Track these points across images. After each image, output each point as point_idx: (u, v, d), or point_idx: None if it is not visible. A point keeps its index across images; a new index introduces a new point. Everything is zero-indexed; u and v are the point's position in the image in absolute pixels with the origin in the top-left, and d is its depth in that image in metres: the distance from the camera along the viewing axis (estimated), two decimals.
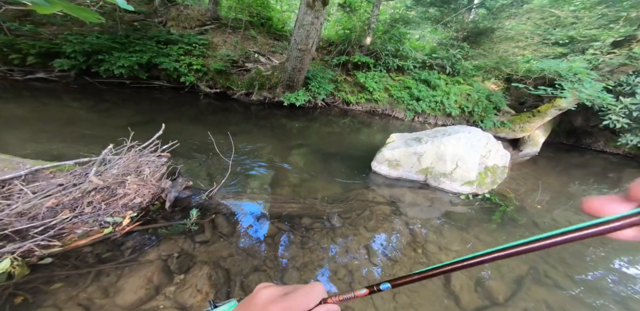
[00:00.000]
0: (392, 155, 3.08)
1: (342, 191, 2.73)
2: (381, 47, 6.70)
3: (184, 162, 2.67)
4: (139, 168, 1.77)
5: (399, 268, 1.91)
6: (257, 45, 5.56)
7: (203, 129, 3.56)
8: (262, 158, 3.16)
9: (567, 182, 4.45)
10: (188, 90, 4.80)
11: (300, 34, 4.39)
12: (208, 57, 4.81)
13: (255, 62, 5.24)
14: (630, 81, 5.53)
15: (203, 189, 2.26)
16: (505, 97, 7.18)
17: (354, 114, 6.29)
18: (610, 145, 6.77)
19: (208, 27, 5.16)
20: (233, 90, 4.94)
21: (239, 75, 5.02)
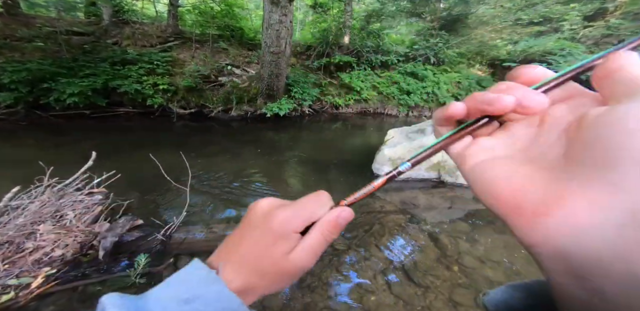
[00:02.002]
0: (395, 153, 2.72)
1: None
2: (361, 45, 6.67)
3: (138, 196, 2.27)
4: (59, 213, 1.38)
5: (434, 296, 1.47)
6: (229, 57, 5.41)
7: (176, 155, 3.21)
8: (244, 178, 2.78)
9: None
10: (159, 114, 4.50)
11: (270, 35, 4.22)
12: (175, 74, 4.59)
13: (229, 75, 5.04)
14: None
15: (161, 227, 1.84)
16: (495, 81, 7.12)
17: (344, 118, 6.04)
18: None
19: (171, 44, 5.01)
20: (209, 108, 4.66)
21: (212, 90, 4.78)
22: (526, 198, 0.13)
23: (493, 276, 1.52)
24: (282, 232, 0.22)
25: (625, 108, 0.11)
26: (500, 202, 0.14)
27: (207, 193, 2.42)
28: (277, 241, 0.22)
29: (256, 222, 0.24)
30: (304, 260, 0.22)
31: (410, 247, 1.80)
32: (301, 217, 0.23)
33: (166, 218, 1.98)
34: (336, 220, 0.23)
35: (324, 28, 6.64)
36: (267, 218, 0.23)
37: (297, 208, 0.23)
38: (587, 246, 0.10)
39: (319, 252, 0.23)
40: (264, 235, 0.22)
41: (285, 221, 0.22)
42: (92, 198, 1.61)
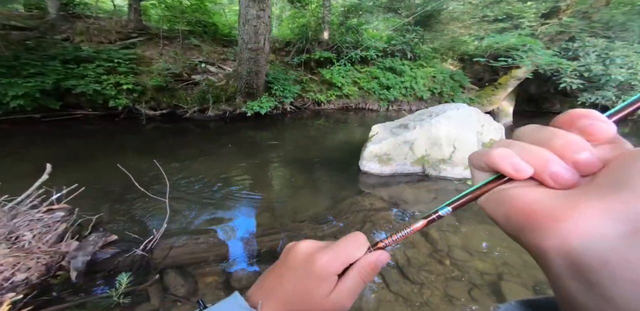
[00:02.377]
0: (380, 149, 2.71)
1: (332, 204, 2.27)
2: (340, 40, 6.59)
3: (109, 209, 2.03)
4: (14, 234, 1.18)
5: (430, 292, 1.47)
6: (202, 54, 5.03)
7: (147, 160, 2.92)
8: (226, 182, 2.60)
9: None
10: (124, 115, 4.08)
11: (247, 30, 3.97)
12: (141, 73, 4.16)
13: (203, 73, 4.69)
14: (570, 47, 6.15)
15: (139, 241, 1.66)
16: (465, 75, 7.48)
17: (327, 114, 5.96)
18: (565, 106, 7.54)
19: (135, 40, 4.52)
20: (183, 108, 4.31)
21: (186, 90, 4.42)
22: (542, 205, 0.13)
23: (482, 267, 1.56)
24: (323, 275, 0.23)
25: None
26: (515, 211, 0.14)
27: (186, 201, 2.23)
28: (319, 284, 0.23)
29: (296, 264, 0.24)
30: (343, 301, 0.23)
31: (402, 244, 1.80)
32: (341, 259, 0.23)
33: (144, 231, 1.79)
34: (375, 263, 0.24)
35: (302, 23, 6.44)
36: (309, 262, 0.24)
37: (336, 251, 0.24)
38: (598, 252, 0.11)
39: (357, 293, 0.24)
40: (306, 277, 0.23)
41: (327, 265, 0.23)
42: (52, 216, 1.41)
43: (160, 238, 1.71)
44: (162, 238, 1.73)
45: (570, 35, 6.11)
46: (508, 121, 6.31)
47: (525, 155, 0.15)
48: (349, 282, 0.23)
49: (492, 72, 8.04)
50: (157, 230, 1.71)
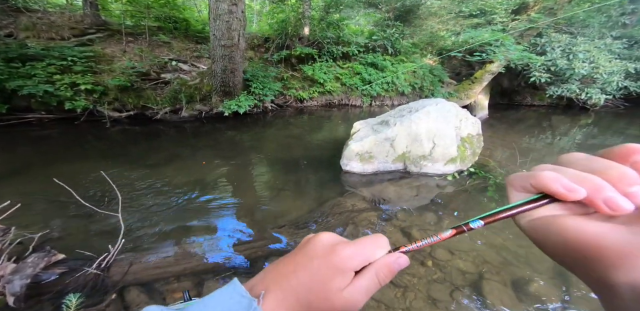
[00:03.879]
0: (362, 147, 2.60)
1: (314, 206, 2.14)
2: (321, 36, 6.38)
3: (60, 224, 1.78)
4: None
5: (413, 295, 1.40)
6: (173, 51, 4.63)
7: (111, 168, 2.63)
8: (201, 188, 2.39)
9: (521, 137, 4.73)
10: (85, 118, 3.67)
11: (219, 27, 3.66)
12: (101, 72, 3.74)
13: (175, 72, 4.32)
14: (538, 42, 6.38)
15: (92, 259, 1.46)
16: (444, 69, 7.57)
17: (310, 111, 5.79)
18: (535, 99, 8.00)
19: (93, 36, 4.04)
20: (153, 109, 3.96)
21: (155, 89, 4.05)
22: (611, 241, 0.13)
23: (464, 267, 1.51)
24: (343, 267, 0.22)
25: None
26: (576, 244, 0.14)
27: (154, 211, 2.01)
28: (336, 276, 0.22)
29: (316, 254, 0.23)
30: (356, 298, 0.22)
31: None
32: (362, 256, 0.23)
33: (100, 248, 1.58)
34: (393, 265, 0.23)
35: (282, 19, 6.16)
36: (330, 252, 0.23)
37: (358, 247, 0.23)
38: None
39: (371, 293, 0.23)
40: (324, 268, 0.22)
41: (348, 258, 0.22)
42: None
43: (119, 254, 1.52)
44: (122, 253, 1.54)
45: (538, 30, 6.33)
46: (484, 114, 6.47)
47: (577, 180, 0.15)
48: (364, 281, 0.22)
49: (468, 66, 8.22)
50: (113, 246, 1.51)
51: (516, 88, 8.18)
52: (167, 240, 1.76)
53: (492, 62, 6.26)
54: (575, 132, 5.57)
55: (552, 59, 6.17)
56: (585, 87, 6.51)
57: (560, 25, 6.65)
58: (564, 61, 6.13)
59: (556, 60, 6.14)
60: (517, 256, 1.59)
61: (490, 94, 7.33)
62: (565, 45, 6.31)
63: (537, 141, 4.66)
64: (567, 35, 6.50)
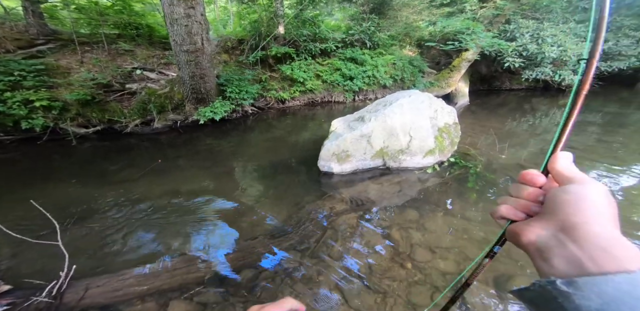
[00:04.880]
0: (338, 147, 2.50)
1: (292, 212, 2.03)
2: (297, 34, 6.20)
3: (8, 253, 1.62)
4: None
5: (393, 301, 1.32)
6: (137, 59, 4.36)
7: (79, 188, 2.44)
8: (174, 203, 2.24)
9: (503, 121, 4.75)
10: (48, 137, 3.41)
11: (177, 32, 3.45)
12: (58, 86, 3.47)
13: (141, 81, 4.07)
14: (508, 29, 6.44)
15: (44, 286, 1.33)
16: (424, 59, 7.53)
17: (293, 111, 5.64)
18: (514, 83, 8.14)
19: (43, 47, 3.74)
20: (121, 123, 3.72)
21: (121, 101, 3.81)
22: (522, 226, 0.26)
23: (444, 267, 1.44)
24: None
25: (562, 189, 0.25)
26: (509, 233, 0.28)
27: (118, 229, 1.86)
28: None
29: None
30: None
31: (364, 250, 1.63)
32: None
33: (51, 275, 1.44)
34: None
35: (254, 19, 5.92)
36: None
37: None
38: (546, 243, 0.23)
39: None
40: None
41: None
42: None
43: (77, 279, 1.41)
44: (76, 279, 1.42)
45: (506, 17, 6.36)
46: (465, 101, 6.49)
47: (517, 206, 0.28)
48: None
49: (446, 55, 8.20)
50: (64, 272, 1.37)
51: (494, 73, 8.27)
52: (130, 259, 1.63)
53: (467, 50, 6.28)
54: (555, 112, 5.66)
55: (523, 44, 6.29)
56: (558, 69, 6.67)
57: (526, 12, 6.71)
58: (534, 46, 6.25)
59: (527, 45, 6.27)
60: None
61: (470, 81, 7.36)
62: (533, 31, 6.43)
63: (520, 124, 4.71)
64: (533, 21, 6.59)
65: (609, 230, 0.21)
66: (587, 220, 0.21)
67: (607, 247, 0.20)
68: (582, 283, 0.19)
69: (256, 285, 1.44)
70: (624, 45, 7.15)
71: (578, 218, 0.22)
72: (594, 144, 3.53)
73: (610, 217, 0.22)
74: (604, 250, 0.20)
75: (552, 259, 0.22)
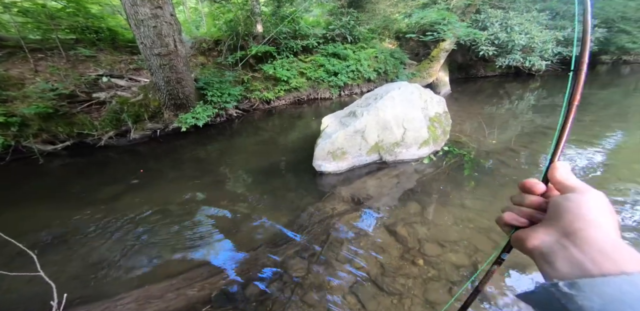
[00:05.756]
0: (333, 145, 2.40)
1: (292, 217, 1.92)
2: (277, 32, 5.96)
3: None
4: None
5: (410, 301, 1.26)
6: (102, 66, 3.97)
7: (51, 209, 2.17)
8: (164, 218, 2.05)
9: (484, 107, 4.88)
10: (11, 157, 3.02)
11: (145, 34, 3.15)
12: (12, 100, 3.07)
13: (110, 89, 3.72)
14: (479, 18, 6.63)
15: None
16: (403, 51, 7.58)
17: (279, 111, 5.45)
18: (488, 70, 8.51)
19: None
20: (93, 136, 3.38)
21: (89, 113, 3.45)
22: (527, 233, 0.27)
23: (456, 260, 1.39)
24: None
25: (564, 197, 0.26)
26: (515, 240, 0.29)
27: (110, 251, 1.67)
28: None
29: None
30: None
31: (372, 250, 1.55)
32: None
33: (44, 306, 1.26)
34: None
35: (230, 19, 5.60)
36: None
37: None
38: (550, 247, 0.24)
39: None
40: None
41: None
42: None
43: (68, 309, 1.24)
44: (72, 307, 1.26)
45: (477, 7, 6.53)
46: (447, 90, 6.62)
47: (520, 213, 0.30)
48: None
49: (425, 46, 8.31)
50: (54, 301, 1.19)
51: (469, 62, 8.54)
52: (126, 282, 1.46)
53: (444, 40, 6.39)
54: (528, 95, 5.92)
55: (494, 33, 6.55)
56: (527, 55, 7.02)
57: (493, 1, 6.93)
58: (504, 34, 6.52)
59: (497, 34, 6.53)
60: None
61: (449, 70, 7.51)
62: (502, 20, 6.69)
63: (498, 108, 4.89)
64: (500, 10, 6.83)
65: (609, 235, 0.22)
66: (588, 225, 0.23)
67: (607, 251, 0.21)
68: (582, 284, 0.20)
69: (266, 298, 1.33)
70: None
71: (579, 224, 0.23)
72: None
73: (610, 223, 0.23)
74: (604, 253, 0.21)
75: (555, 262, 0.23)
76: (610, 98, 5.24)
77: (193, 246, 1.73)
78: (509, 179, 2.25)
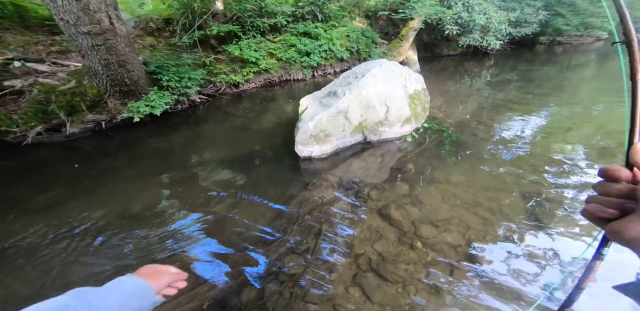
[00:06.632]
0: (315, 127, 2.13)
1: (279, 211, 1.69)
2: (240, 9, 5.14)
3: None
4: None
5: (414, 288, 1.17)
6: (10, 48, 3.00)
7: None
8: (122, 224, 1.66)
9: (449, 83, 5.00)
10: None
11: (66, 8, 2.37)
12: None
13: (27, 75, 2.85)
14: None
15: None
16: (373, 30, 7.26)
17: (249, 94, 4.90)
18: (450, 49, 8.72)
19: None
20: (15, 133, 2.63)
21: (3, 105, 2.64)
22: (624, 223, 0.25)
23: (452, 240, 1.32)
24: None
25: None
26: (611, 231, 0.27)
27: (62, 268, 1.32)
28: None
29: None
30: None
31: (368, 237, 1.43)
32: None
33: None
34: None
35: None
36: None
37: None
38: None
39: None
40: None
41: None
42: None
43: None
44: None
45: None
46: (417, 68, 6.65)
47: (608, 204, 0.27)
48: None
49: (394, 25, 8.06)
50: None
51: (434, 41, 8.63)
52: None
53: (413, 19, 6.23)
54: (484, 73, 6.21)
55: (457, 12, 6.60)
56: (484, 35, 7.31)
57: None
58: (466, 14, 6.62)
59: (460, 14, 6.60)
60: (492, 211, 1.48)
61: (417, 49, 7.45)
62: (464, 0, 6.73)
63: (461, 84, 5.03)
64: None
65: None
66: None
67: None
68: None
69: (265, 301, 1.13)
70: (528, 13, 8.16)
71: None
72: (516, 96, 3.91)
73: None
74: None
75: None
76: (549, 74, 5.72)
77: (168, 254, 1.43)
78: (484, 151, 2.27)
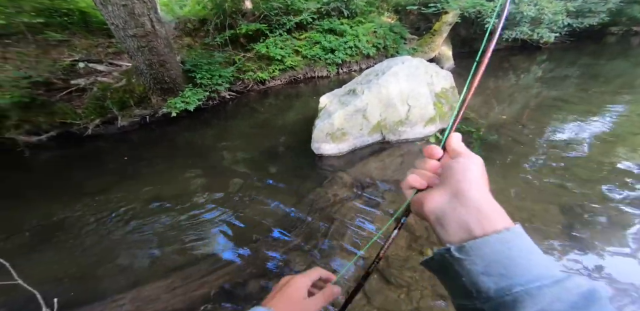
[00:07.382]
0: (332, 125, 2.09)
1: (292, 204, 1.71)
2: (267, 8, 5.24)
3: None
4: None
5: (419, 294, 1.10)
6: (77, 50, 3.48)
7: (38, 207, 1.98)
8: (156, 210, 1.85)
9: (490, 81, 4.45)
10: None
11: (115, 13, 2.65)
12: None
13: (89, 75, 3.29)
14: None
15: None
16: (404, 26, 6.78)
17: (275, 91, 5.01)
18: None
19: None
20: (79, 125, 3.07)
21: (70, 101, 3.09)
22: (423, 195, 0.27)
23: None
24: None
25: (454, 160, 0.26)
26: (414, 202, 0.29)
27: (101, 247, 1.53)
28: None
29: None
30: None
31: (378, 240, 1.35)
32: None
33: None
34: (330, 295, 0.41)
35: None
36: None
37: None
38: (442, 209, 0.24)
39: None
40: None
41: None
42: None
43: None
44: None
45: None
46: (451, 64, 6.08)
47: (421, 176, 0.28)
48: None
49: (426, 20, 7.44)
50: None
51: (473, 36, 7.75)
52: (119, 281, 1.33)
53: (447, 13, 5.66)
54: (535, 68, 5.41)
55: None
56: (535, 28, 6.34)
57: None
58: (512, 6, 5.78)
59: None
60: (521, 222, 1.29)
61: (452, 44, 6.79)
62: None
63: (504, 82, 4.46)
64: None
65: (486, 195, 0.23)
66: (470, 186, 0.24)
67: (485, 210, 0.22)
68: (468, 247, 0.20)
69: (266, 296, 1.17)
70: (593, 2, 6.82)
71: (465, 184, 0.24)
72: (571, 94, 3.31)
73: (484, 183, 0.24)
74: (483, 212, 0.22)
75: (447, 225, 0.23)
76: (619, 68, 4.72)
77: (187, 241, 1.55)
78: (521, 157, 1.98)
